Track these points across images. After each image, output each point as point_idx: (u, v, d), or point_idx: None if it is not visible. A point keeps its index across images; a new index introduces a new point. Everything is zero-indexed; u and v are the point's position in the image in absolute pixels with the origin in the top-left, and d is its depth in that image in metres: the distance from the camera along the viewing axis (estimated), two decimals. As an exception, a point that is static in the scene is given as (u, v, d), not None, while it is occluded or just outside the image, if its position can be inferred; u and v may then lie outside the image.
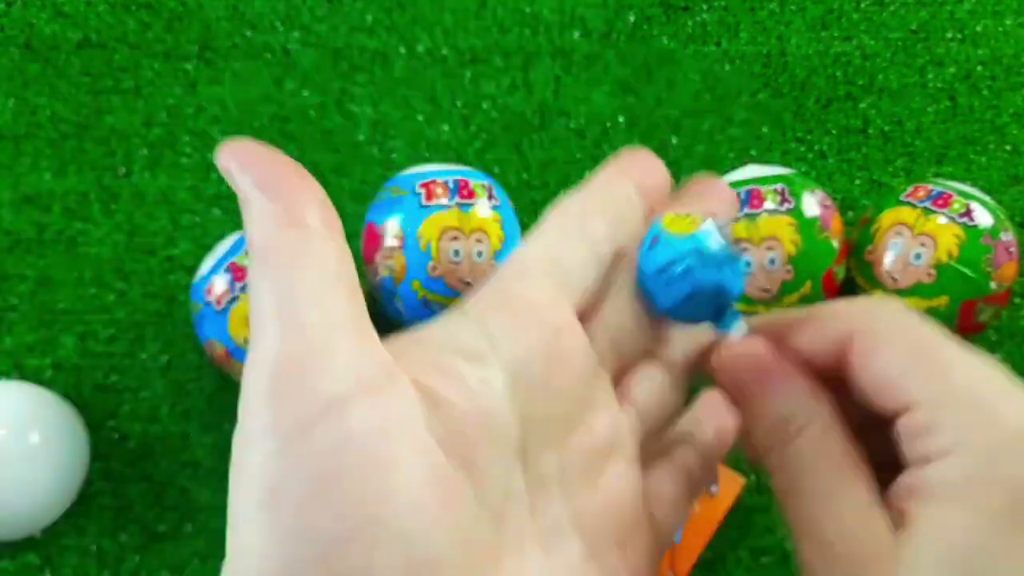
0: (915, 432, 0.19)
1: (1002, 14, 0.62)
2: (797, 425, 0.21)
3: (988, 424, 0.18)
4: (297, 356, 0.17)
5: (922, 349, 0.20)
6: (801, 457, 0.20)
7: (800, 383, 0.21)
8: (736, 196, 0.23)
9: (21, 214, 0.55)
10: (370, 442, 0.16)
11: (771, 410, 0.21)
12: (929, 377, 0.19)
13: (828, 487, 0.20)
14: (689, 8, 0.62)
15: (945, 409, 0.19)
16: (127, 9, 0.61)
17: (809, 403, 0.21)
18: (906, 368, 0.20)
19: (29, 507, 0.47)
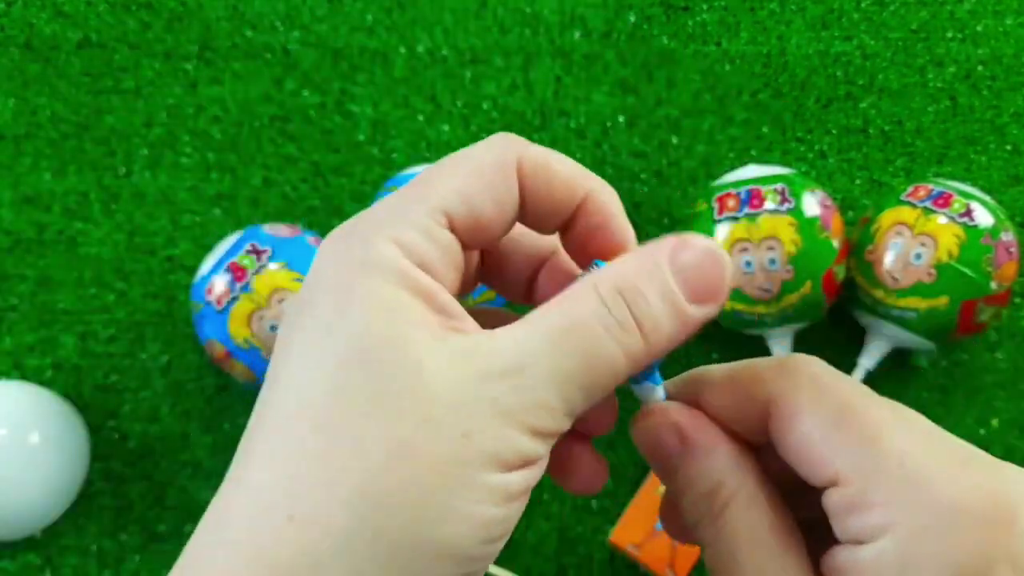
0: (844, 508, 0.18)
1: (1002, 14, 0.62)
2: (723, 497, 0.20)
3: (924, 502, 0.17)
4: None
5: (845, 415, 0.18)
6: (730, 532, 0.19)
7: (723, 450, 0.20)
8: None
9: (21, 214, 0.55)
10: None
11: (695, 481, 0.20)
12: (855, 447, 0.18)
13: (758, 563, 0.19)
14: (689, 8, 0.62)
15: (874, 484, 0.17)
16: (127, 9, 0.60)
17: (734, 472, 0.20)
18: (829, 438, 0.18)
19: (29, 507, 0.47)
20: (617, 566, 0.49)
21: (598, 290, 0.18)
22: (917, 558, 0.17)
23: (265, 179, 0.57)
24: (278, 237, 0.47)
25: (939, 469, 0.17)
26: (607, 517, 0.50)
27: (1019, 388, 0.54)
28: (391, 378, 0.17)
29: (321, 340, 0.18)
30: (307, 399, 0.17)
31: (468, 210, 0.19)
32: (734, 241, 0.47)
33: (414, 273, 0.18)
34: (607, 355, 0.18)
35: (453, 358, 0.18)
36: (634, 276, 0.19)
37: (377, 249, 0.18)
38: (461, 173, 0.20)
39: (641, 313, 0.18)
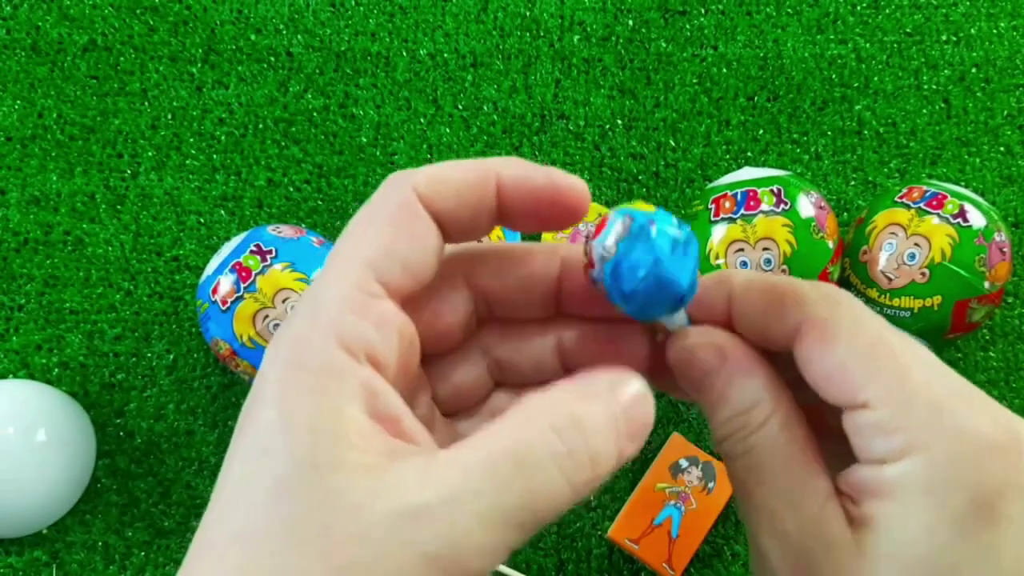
0: (870, 430, 0.19)
1: (996, 17, 0.62)
2: (759, 416, 0.20)
3: (949, 428, 0.18)
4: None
5: (879, 346, 0.19)
6: (763, 448, 0.20)
7: (762, 373, 0.21)
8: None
9: (28, 215, 0.56)
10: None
11: (732, 399, 0.20)
12: (887, 376, 0.18)
13: (789, 480, 0.19)
14: (687, 12, 0.62)
15: (904, 410, 0.18)
16: (133, 12, 0.61)
17: (771, 394, 0.20)
18: (862, 364, 0.19)
19: (36, 504, 0.47)
20: (615, 561, 0.50)
21: (552, 420, 0.18)
22: (940, 479, 0.18)
23: (270, 180, 0.58)
24: (282, 238, 0.48)
25: (962, 402, 0.18)
26: (606, 512, 0.51)
27: (1012, 386, 0.54)
28: (324, 516, 0.17)
29: (261, 462, 0.17)
30: (243, 527, 0.17)
31: (393, 261, 0.19)
32: (730, 242, 0.48)
33: (355, 375, 0.18)
34: (554, 490, 0.18)
35: (387, 492, 0.17)
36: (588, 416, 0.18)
37: (315, 350, 0.18)
38: (370, 231, 0.20)
39: (594, 455, 0.18)
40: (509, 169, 0.21)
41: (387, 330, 0.19)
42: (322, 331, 0.18)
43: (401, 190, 0.20)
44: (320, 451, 0.17)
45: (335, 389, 0.18)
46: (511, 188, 0.21)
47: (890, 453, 0.18)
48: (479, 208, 0.20)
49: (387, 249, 0.19)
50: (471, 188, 0.20)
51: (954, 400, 0.18)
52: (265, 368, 0.18)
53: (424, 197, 0.20)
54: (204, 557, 0.17)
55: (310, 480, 0.17)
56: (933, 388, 0.18)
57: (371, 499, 0.17)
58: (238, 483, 0.18)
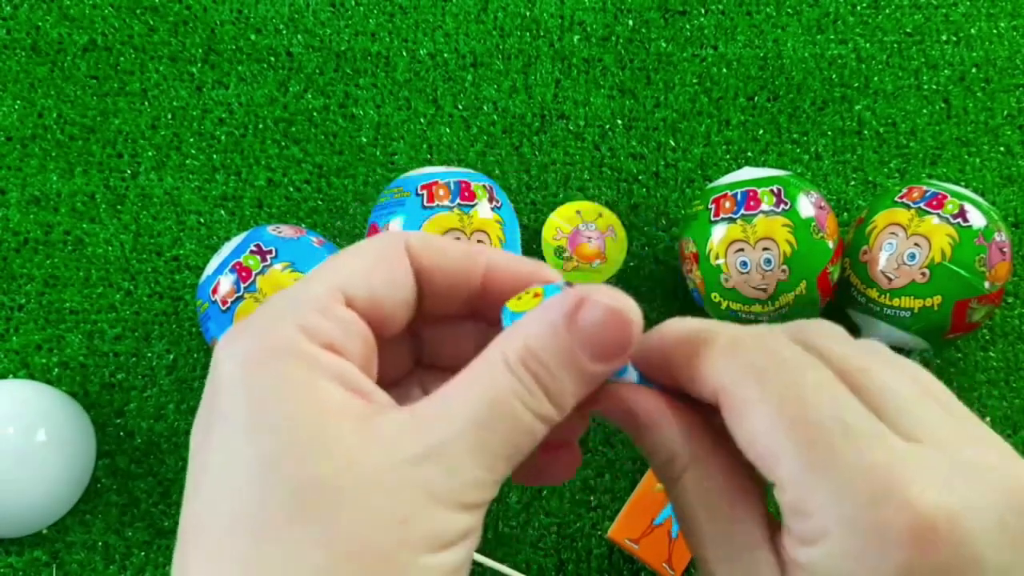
0: (787, 510, 0.18)
1: (996, 17, 0.62)
2: (677, 466, 0.20)
3: (848, 516, 0.17)
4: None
5: (786, 413, 0.18)
6: (687, 498, 0.20)
7: (671, 426, 0.21)
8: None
9: (28, 215, 0.56)
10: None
11: (652, 453, 0.21)
12: (793, 454, 0.18)
13: (713, 529, 0.20)
14: (687, 12, 0.62)
15: (809, 493, 0.18)
16: (133, 12, 0.61)
17: (684, 444, 0.20)
18: (771, 440, 0.18)
19: (36, 504, 0.47)
20: (615, 561, 0.50)
21: (510, 365, 0.19)
22: (852, 569, 0.17)
23: (270, 181, 0.58)
24: (282, 238, 0.48)
25: (868, 477, 0.17)
26: (606, 512, 0.51)
27: (1012, 386, 0.54)
28: (321, 475, 0.17)
29: (242, 444, 0.18)
30: (239, 509, 0.17)
31: (364, 287, 0.20)
32: (730, 242, 0.48)
33: (323, 356, 0.19)
34: (525, 424, 0.19)
35: (379, 442, 0.18)
36: (538, 345, 0.19)
37: (281, 337, 0.19)
38: (353, 261, 0.21)
39: (546, 383, 0.19)
40: (499, 257, 0.22)
41: (349, 330, 0.20)
42: (288, 322, 0.19)
43: (393, 239, 0.21)
44: (305, 422, 0.18)
45: (306, 367, 0.18)
46: (498, 274, 0.22)
47: (804, 534, 0.18)
48: (461, 279, 0.22)
49: (361, 277, 0.20)
50: (459, 260, 0.22)
51: (861, 479, 0.17)
52: (223, 360, 0.19)
53: (413, 250, 0.21)
54: (201, 546, 0.18)
55: (304, 446, 0.17)
56: (844, 461, 0.17)
57: (367, 451, 0.18)
58: (223, 468, 0.18)
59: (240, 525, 0.17)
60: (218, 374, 0.19)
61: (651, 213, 0.57)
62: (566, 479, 0.24)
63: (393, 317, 0.21)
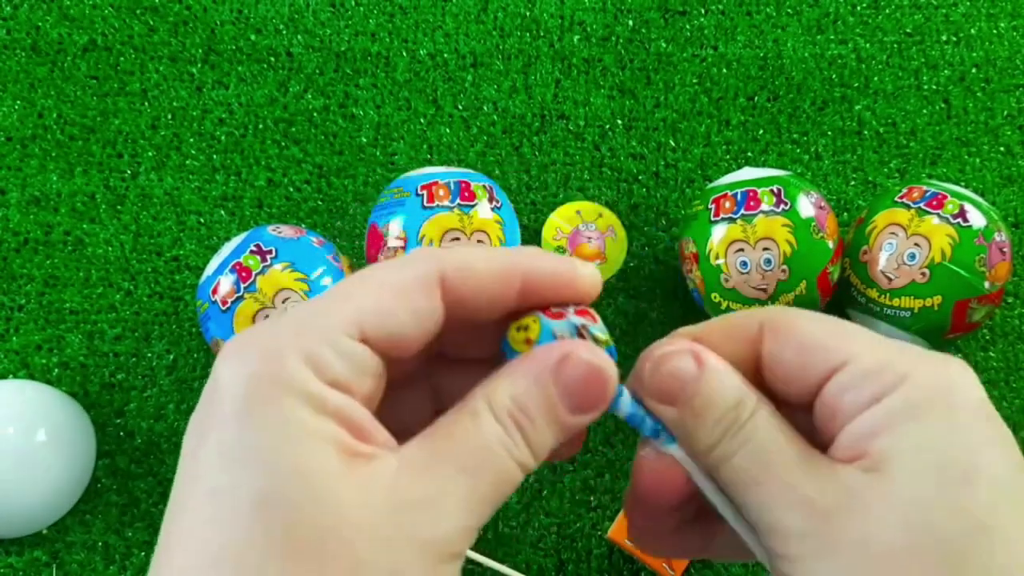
0: (858, 380, 0.20)
1: (996, 17, 0.62)
2: (748, 407, 0.21)
3: (924, 359, 0.20)
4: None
5: (834, 322, 0.21)
6: (762, 432, 0.20)
7: (737, 372, 0.21)
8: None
9: (28, 215, 0.56)
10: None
11: (717, 400, 0.21)
12: (854, 335, 0.20)
13: (797, 451, 0.20)
14: (687, 12, 0.62)
15: (884, 353, 0.20)
16: (133, 13, 0.61)
17: (752, 389, 0.21)
18: (830, 334, 0.21)
19: (36, 504, 0.47)
20: (615, 561, 0.50)
21: (496, 415, 0.20)
22: (944, 392, 0.19)
23: (270, 181, 0.58)
24: (282, 238, 0.48)
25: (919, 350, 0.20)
26: (606, 513, 0.51)
27: (1012, 386, 0.54)
28: (314, 521, 0.17)
29: (231, 476, 0.17)
30: (226, 544, 0.17)
31: (382, 324, 0.20)
32: (730, 242, 0.48)
33: (327, 395, 0.18)
34: (509, 472, 0.20)
35: (372, 491, 0.18)
36: (524, 396, 0.20)
37: (286, 367, 0.18)
38: (378, 288, 0.20)
39: (529, 434, 0.20)
40: (536, 262, 0.22)
41: (358, 366, 0.19)
42: (296, 352, 0.18)
43: (427, 267, 0.20)
44: (300, 465, 0.17)
45: (308, 409, 0.18)
46: (536, 281, 0.22)
47: (886, 388, 0.19)
48: (499, 299, 0.21)
49: (382, 309, 0.20)
50: (495, 283, 0.21)
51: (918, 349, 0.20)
52: (225, 378, 0.18)
53: (449, 280, 0.21)
54: (184, 572, 0.17)
55: (296, 492, 0.17)
56: (893, 341, 0.21)
57: (360, 499, 0.17)
58: (213, 494, 0.17)
59: (227, 561, 0.17)
60: (219, 388, 0.18)
61: (651, 213, 0.57)
62: (572, 455, 0.24)
63: (410, 348, 0.20)
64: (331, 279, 0.47)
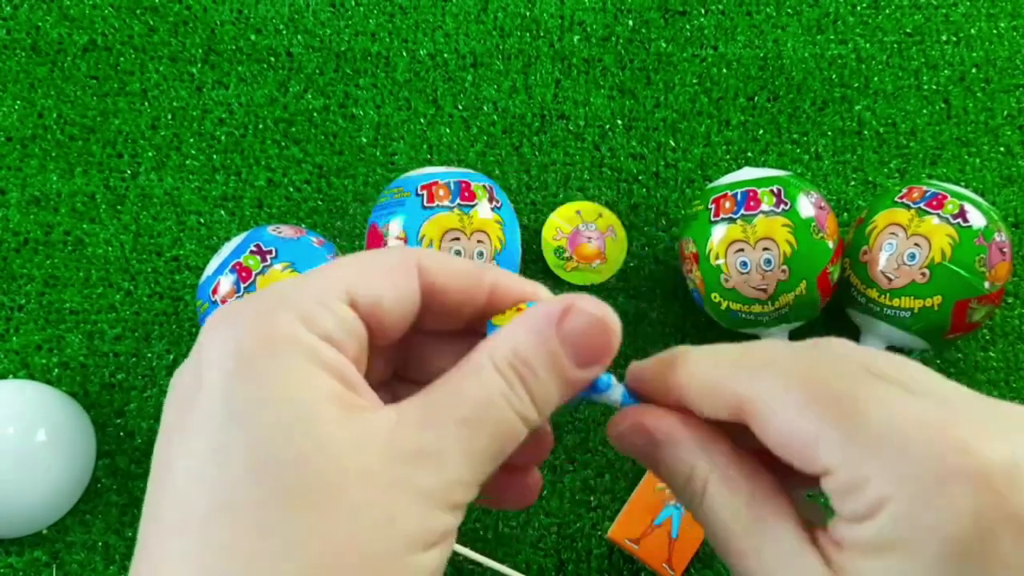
0: (839, 493, 0.18)
1: (996, 17, 0.62)
2: (699, 480, 0.20)
3: (908, 472, 0.17)
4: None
5: (817, 400, 0.18)
6: (715, 512, 0.20)
7: (687, 439, 0.21)
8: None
9: (28, 215, 0.56)
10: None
11: (673, 471, 0.21)
12: (833, 433, 0.18)
13: (750, 537, 0.19)
14: (687, 12, 0.62)
15: (861, 463, 0.17)
16: (133, 13, 0.61)
17: (702, 456, 0.20)
18: (807, 431, 0.18)
19: (36, 504, 0.47)
20: (615, 561, 0.50)
21: (497, 367, 0.19)
22: (914, 530, 0.17)
23: (270, 181, 0.58)
24: (282, 238, 0.48)
25: (921, 432, 0.17)
26: (606, 513, 0.51)
27: (1012, 386, 0.54)
28: (310, 468, 0.17)
29: (230, 429, 0.17)
30: (223, 496, 0.17)
31: (371, 295, 0.20)
32: (730, 242, 0.48)
33: (320, 347, 0.18)
34: (510, 425, 0.19)
35: (368, 439, 0.18)
36: (525, 348, 0.20)
37: (281, 322, 0.18)
38: (364, 263, 0.21)
39: (532, 387, 0.19)
40: (504, 278, 0.22)
41: (347, 328, 0.19)
42: (289, 310, 0.19)
43: (406, 254, 0.21)
44: (298, 409, 0.17)
45: (304, 358, 0.18)
46: (502, 293, 0.22)
47: (860, 512, 0.18)
48: (467, 299, 0.22)
49: (367, 281, 0.20)
50: (468, 280, 0.22)
51: (913, 432, 0.17)
52: (216, 337, 0.18)
53: (424, 268, 0.21)
54: (176, 531, 0.17)
55: (295, 437, 0.17)
56: (887, 424, 0.17)
57: (359, 449, 0.17)
58: (206, 452, 0.17)
59: (225, 513, 0.17)
60: (206, 356, 0.18)
61: (651, 213, 0.57)
62: (527, 504, 0.24)
63: (392, 327, 0.21)
64: (331, 279, 0.47)
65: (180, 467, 0.18)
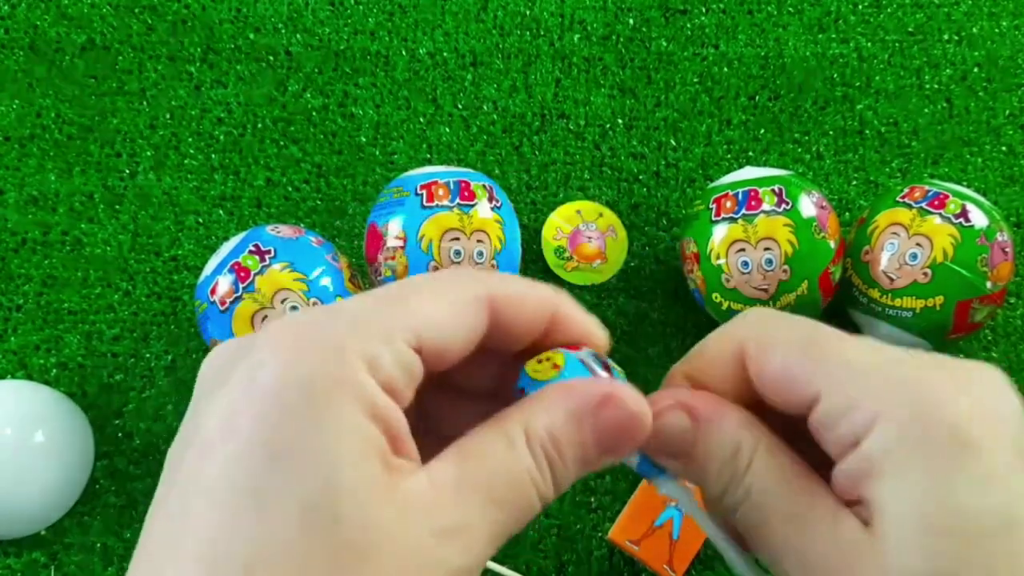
0: (833, 418, 0.19)
1: (998, 16, 0.62)
2: (745, 456, 0.20)
3: (902, 386, 0.19)
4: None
5: (807, 341, 0.20)
6: (760, 484, 0.20)
7: (732, 415, 0.21)
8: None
9: (27, 215, 0.56)
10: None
11: (716, 449, 0.21)
12: (827, 364, 0.20)
13: (794, 506, 0.20)
14: (687, 11, 0.62)
15: (855, 386, 0.19)
16: (131, 12, 0.61)
17: (748, 431, 0.21)
18: (802, 361, 0.20)
19: (34, 505, 0.47)
20: (616, 562, 0.50)
21: (530, 446, 0.19)
22: (915, 430, 0.18)
23: (268, 180, 0.57)
24: (281, 238, 0.48)
25: (903, 361, 0.19)
26: (606, 514, 0.51)
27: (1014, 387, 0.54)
28: (354, 537, 0.16)
29: (275, 473, 0.16)
30: (255, 551, 0.16)
31: (439, 338, 0.19)
32: (731, 242, 0.47)
33: (378, 397, 0.18)
34: (532, 505, 0.19)
35: (407, 512, 0.17)
36: (560, 433, 0.19)
37: (346, 363, 0.17)
38: (437, 299, 0.20)
39: (558, 472, 0.20)
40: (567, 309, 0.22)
41: (408, 374, 0.19)
42: (356, 350, 0.18)
43: (478, 287, 0.20)
44: (351, 470, 0.17)
45: (362, 412, 0.17)
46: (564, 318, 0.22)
47: (859, 430, 0.19)
48: (533, 328, 0.21)
49: (438, 322, 0.19)
50: (536, 313, 0.21)
51: (896, 362, 0.19)
52: (276, 361, 0.17)
53: (495, 304, 0.20)
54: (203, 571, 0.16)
55: (340, 502, 0.16)
56: (873, 359, 0.20)
57: (396, 521, 0.17)
58: (250, 491, 0.16)
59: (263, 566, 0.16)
60: (261, 372, 0.17)
61: (652, 213, 0.57)
62: None
63: (448, 363, 0.20)
64: (330, 279, 0.47)
65: (208, 492, 0.17)
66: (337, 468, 0.16)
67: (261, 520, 0.16)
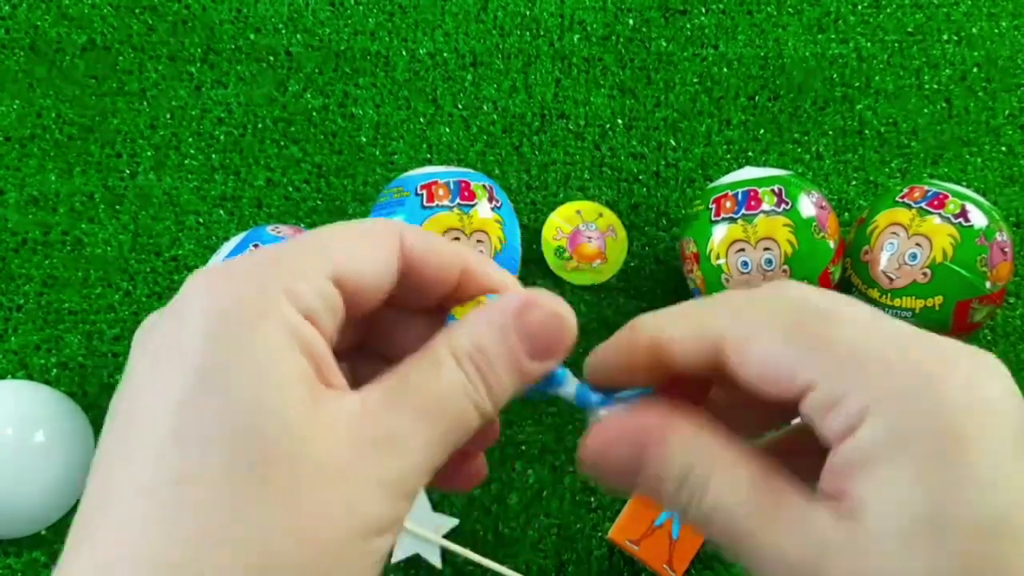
0: (823, 410, 0.18)
1: (997, 16, 0.62)
2: (701, 476, 0.20)
3: (893, 375, 0.18)
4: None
5: (792, 326, 0.19)
6: (721, 504, 0.19)
7: (681, 430, 0.20)
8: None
9: (27, 215, 0.56)
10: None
11: (668, 475, 0.20)
12: (815, 351, 0.19)
13: (760, 521, 0.19)
14: (687, 11, 0.62)
15: (844, 376, 0.18)
16: (132, 12, 0.61)
17: (700, 446, 0.20)
18: (784, 352, 0.19)
19: (35, 505, 0.47)
20: (616, 562, 0.50)
21: (458, 360, 0.20)
22: (905, 424, 0.17)
23: (269, 180, 0.57)
24: (282, 238, 0.48)
25: (897, 345, 0.18)
26: (606, 514, 0.51)
27: (1013, 387, 0.54)
28: (279, 450, 0.17)
29: (201, 399, 0.17)
30: (189, 463, 0.17)
31: (355, 273, 0.20)
32: (731, 242, 0.48)
33: (300, 324, 0.18)
34: (467, 417, 0.20)
35: (336, 427, 0.18)
36: (484, 342, 0.20)
37: (269, 293, 0.18)
38: (351, 236, 0.21)
39: (490, 380, 0.20)
40: (476, 263, 0.23)
41: (329, 306, 0.20)
42: (276, 284, 0.19)
43: (390, 228, 0.21)
44: (274, 394, 0.17)
45: (285, 335, 0.18)
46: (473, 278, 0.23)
47: (848, 422, 0.18)
48: (443, 279, 0.22)
49: (353, 258, 0.20)
50: (447, 260, 0.22)
51: (890, 346, 0.18)
52: (200, 297, 0.18)
53: (407, 245, 0.21)
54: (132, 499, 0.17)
55: (265, 420, 0.17)
56: (866, 342, 0.19)
57: (325, 435, 0.18)
58: (179, 419, 0.17)
59: (188, 485, 0.17)
60: (190, 312, 0.18)
61: (652, 213, 0.57)
62: (471, 487, 0.25)
63: (368, 302, 0.21)
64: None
65: (145, 422, 0.17)
66: (264, 389, 0.17)
67: (191, 441, 0.17)
